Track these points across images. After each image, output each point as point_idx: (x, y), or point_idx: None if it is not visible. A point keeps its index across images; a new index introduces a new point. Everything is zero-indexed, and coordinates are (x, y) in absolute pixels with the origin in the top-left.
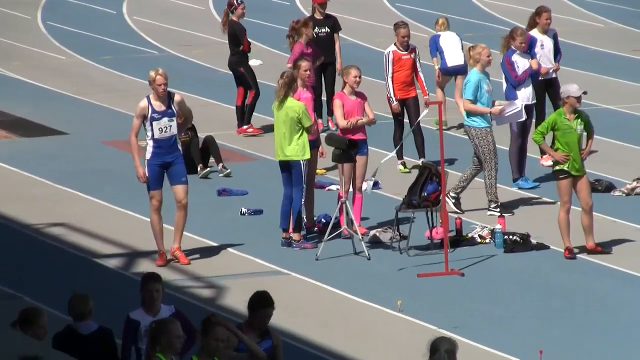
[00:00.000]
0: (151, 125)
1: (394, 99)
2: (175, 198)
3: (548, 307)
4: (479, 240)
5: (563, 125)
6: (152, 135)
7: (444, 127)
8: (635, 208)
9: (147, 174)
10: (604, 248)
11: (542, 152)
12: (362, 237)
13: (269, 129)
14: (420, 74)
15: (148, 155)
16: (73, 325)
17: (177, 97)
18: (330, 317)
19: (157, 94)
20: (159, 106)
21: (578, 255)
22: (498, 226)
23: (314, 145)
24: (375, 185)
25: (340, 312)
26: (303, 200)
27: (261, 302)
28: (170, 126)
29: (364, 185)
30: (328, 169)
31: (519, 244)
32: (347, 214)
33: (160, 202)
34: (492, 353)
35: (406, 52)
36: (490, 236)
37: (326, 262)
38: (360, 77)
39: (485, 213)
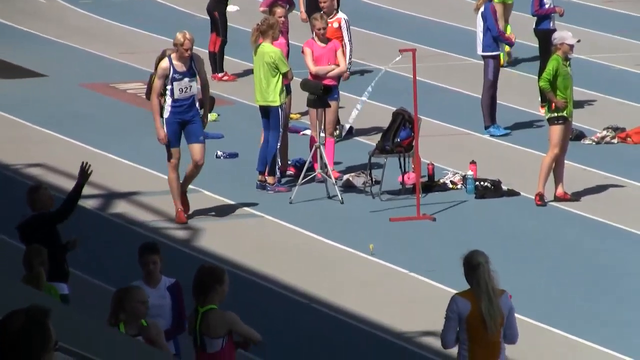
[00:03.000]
0: (172, 85)
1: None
2: (192, 157)
3: (518, 253)
4: (450, 186)
5: (563, 71)
6: (172, 94)
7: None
8: (604, 156)
9: (167, 135)
10: (572, 196)
11: (543, 99)
12: (336, 181)
13: (243, 74)
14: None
15: (166, 114)
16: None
17: (199, 58)
18: (302, 259)
19: (181, 56)
20: (180, 66)
21: (548, 203)
22: (470, 172)
23: (289, 91)
24: (349, 130)
25: (312, 254)
26: (279, 144)
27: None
28: (191, 86)
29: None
30: (302, 114)
31: (490, 190)
32: (321, 158)
33: (179, 160)
34: None
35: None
36: (461, 182)
37: (300, 205)
38: (324, 28)
39: (458, 158)
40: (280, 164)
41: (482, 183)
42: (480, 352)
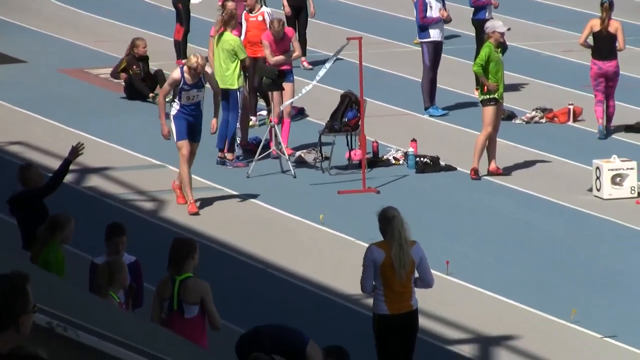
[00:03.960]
0: (180, 93)
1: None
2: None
3: (455, 224)
4: (393, 161)
5: (495, 57)
6: (180, 99)
7: None
8: (534, 135)
9: (172, 130)
10: (504, 170)
11: (477, 83)
12: (289, 158)
13: None
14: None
15: (174, 112)
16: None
17: (208, 70)
18: (258, 229)
19: (192, 74)
20: (190, 80)
21: (482, 177)
22: (410, 149)
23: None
24: (301, 111)
25: (267, 225)
26: (238, 124)
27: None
28: (198, 95)
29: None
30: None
31: (430, 165)
32: (276, 136)
33: (190, 153)
34: None
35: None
36: (403, 158)
37: (256, 180)
38: (283, 25)
39: (400, 137)
40: (240, 139)
41: (422, 159)
42: (393, 296)
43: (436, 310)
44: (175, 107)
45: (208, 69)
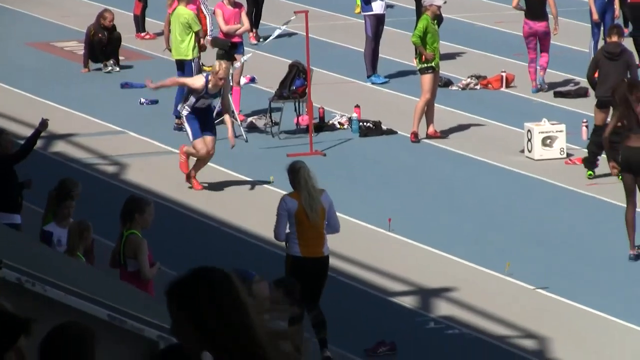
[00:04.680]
0: (197, 100)
1: None
2: (196, 151)
3: (396, 183)
4: (338, 126)
5: (432, 29)
6: (194, 104)
7: None
8: (469, 101)
9: (187, 130)
10: (442, 134)
11: (415, 53)
12: (241, 123)
13: (161, 33)
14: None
15: (185, 112)
16: None
17: (227, 84)
18: (212, 189)
19: (215, 83)
20: (212, 89)
21: (421, 140)
22: (354, 114)
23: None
24: (252, 80)
25: (221, 185)
26: None
27: None
28: (211, 102)
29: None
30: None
31: (372, 129)
32: None
33: (207, 152)
34: (350, 220)
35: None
36: (347, 123)
37: None
38: None
39: (345, 103)
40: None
41: (365, 123)
42: (307, 240)
43: (379, 265)
44: (187, 108)
45: (226, 82)
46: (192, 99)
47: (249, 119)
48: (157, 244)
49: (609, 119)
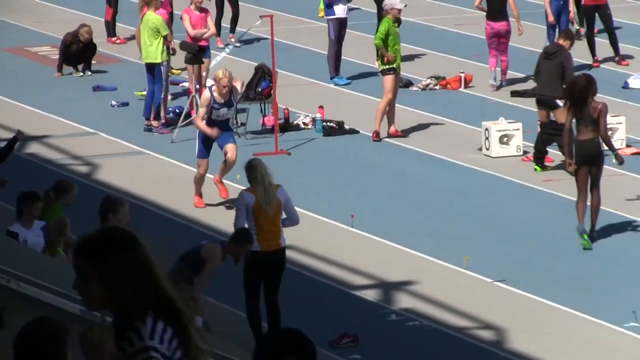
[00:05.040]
0: (210, 112)
1: None
2: (227, 155)
3: (358, 181)
4: (302, 126)
5: (393, 32)
6: (209, 118)
7: None
8: (429, 101)
9: (218, 132)
10: (403, 133)
11: (377, 55)
12: None
13: (131, 38)
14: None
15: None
16: None
17: (237, 86)
18: (182, 188)
19: (220, 91)
20: (219, 98)
21: (383, 139)
22: (318, 115)
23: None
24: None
25: (189, 184)
26: (163, 94)
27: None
28: (227, 113)
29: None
30: (182, 69)
31: (335, 129)
32: (197, 105)
33: (206, 172)
34: (313, 217)
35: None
36: (312, 123)
37: (180, 144)
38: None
39: (309, 104)
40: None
41: (328, 123)
42: (264, 234)
43: (342, 259)
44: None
45: (237, 85)
46: (205, 115)
47: None
48: None
49: (552, 116)
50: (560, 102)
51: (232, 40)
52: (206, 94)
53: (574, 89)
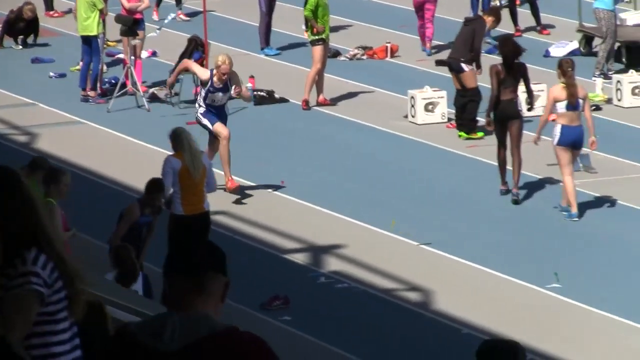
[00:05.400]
0: (207, 95)
1: None
2: (217, 132)
3: (289, 148)
4: (234, 95)
5: (322, 3)
6: (205, 100)
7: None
8: (357, 70)
9: (205, 123)
10: (332, 101)
11: (306, 26)
12: (143, 94)
13: (68, 11)
14: None
15: (201, 110)
16: None
17: (234, 75)
18: (117, 156)
19: (220, 77)
20: (217, 83)
21: (312, 107)
22: (249, 84)
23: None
24: (154, 53)
25: (126, 152)
26: (100, 66)
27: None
28: (222, 99)
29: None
30: (117, 41)
31: (266, 98)
32: (132, 76)
33: (229, 135)
34: (246, 183)
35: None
36: None
37: (115, 114)
38: None
39: (241, 74)
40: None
41: (259, 92)
42: (189, 198)
43: (273, 224)
44: (201, 109)
45: (234, 75)
46: (202, 93)
47: (151, 90)
48: (73, 213)
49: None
50: (466, 67)
51: (181, 16)
52: (206, 74)
53: (508, 44)
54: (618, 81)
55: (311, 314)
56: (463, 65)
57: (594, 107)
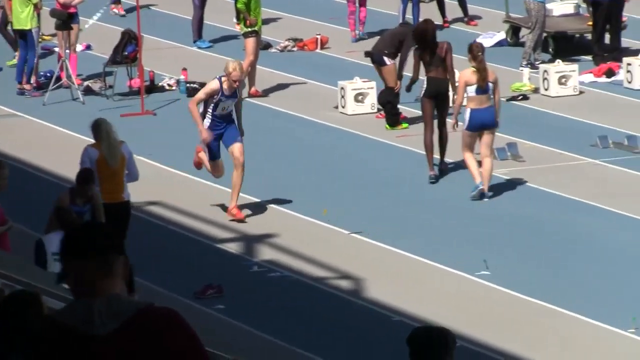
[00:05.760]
0: (216, 105)
1: None
2: (233, 156)
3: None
4: (167, 88)
5: None
6: (215, 110)
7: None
8: (288, 62)
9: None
10: (263, 92)
11: (238, 18)
12: (78, 87)
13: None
14: None
15: (208, 123)
16: None
17: (241, 82)
18: (52, 148)
19: (230, 85)
20: (227, 91)
21: (244, 99)
22: (182, 77)
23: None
24: (88, 47)
25: (62, 143)
26: (35, 59)
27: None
28: (230, 105)
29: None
30: (52, 35)
31: (198, 90)
32: (66, 69)
33: (222, 172)
34: (177, 173)
35: None
36: (176, 85)
37: (51, 107)
38: None
39: (173, 66)
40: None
41: (191, 85)
42: (108, 187)
43: (205, 213)
44: (208, 117)
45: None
46: (211, 105)
47: (86, 83)
48: (9, 204)
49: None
50: (388, 60)
51: (118, 10)
52: (215, 84)
53: (426, 34)
54: (545, 71)
55: (244, 303)
56: (385, 58)
57: (521, 97)
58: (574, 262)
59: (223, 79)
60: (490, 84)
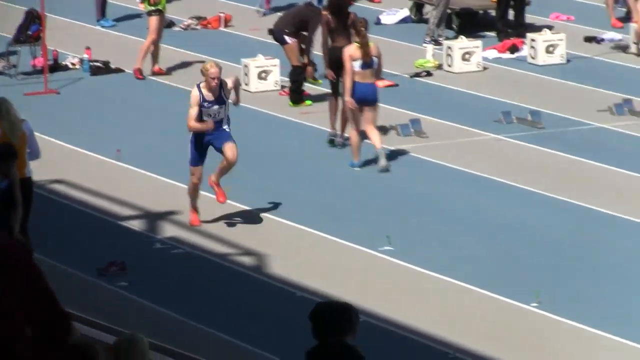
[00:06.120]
0: (200, 112)
1: None
2: (225, 156)
3: (125, 117)
4: (71, 66)
5: None
6: (200, 119)
7: None
8: (191, 40)
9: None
10: (167, 71)
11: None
12: None
13: None
14: None
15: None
16: None
17: (228, 84)
18: None
19: (209, 85)
20: (209, 96)
21: (147, 77)
22: (85, 56)
23: None
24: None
25: None
26: None
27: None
28: (220, 112)
29: None
30: None
31: (102, 69)
32: None
33: (200, 180)
34: (81, 152)
35: None
36: (79, 63)
37: None
38: None
39: (76, 45)
40: None
41: (95, 63)
42: None
43: (109, 191)
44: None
45: (229, 82)
46: (196, 116)
47: None
48: None
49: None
50: (289, 39)
51: None
52: (194, 92)
53: (343, 5)
54: (449, 47)
55: (147, 279)
56: (286, 37)
57: (425, 73)
58: (468, 237)
59: (202, 85)
60: (375, 59)
